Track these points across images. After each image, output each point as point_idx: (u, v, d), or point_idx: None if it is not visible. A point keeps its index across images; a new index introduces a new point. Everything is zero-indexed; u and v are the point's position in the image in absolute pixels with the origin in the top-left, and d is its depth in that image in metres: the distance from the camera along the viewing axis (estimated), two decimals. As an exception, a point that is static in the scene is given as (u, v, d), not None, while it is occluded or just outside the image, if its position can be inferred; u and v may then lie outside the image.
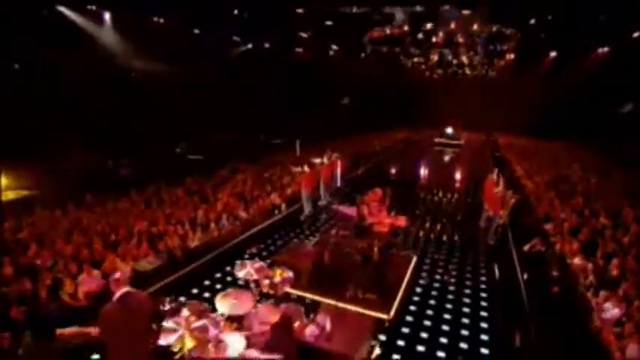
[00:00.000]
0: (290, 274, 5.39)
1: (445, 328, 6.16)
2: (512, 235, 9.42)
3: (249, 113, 19.64)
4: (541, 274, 7.28)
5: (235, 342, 4.29)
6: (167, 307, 4.63)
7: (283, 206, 10.66)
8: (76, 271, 6.61)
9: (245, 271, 5.37)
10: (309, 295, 5.66)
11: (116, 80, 15.08)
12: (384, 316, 5.76)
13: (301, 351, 4.13)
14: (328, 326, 4.93)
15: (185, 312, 4.46)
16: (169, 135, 16.54)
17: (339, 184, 12.17)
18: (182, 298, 6.71)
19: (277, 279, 5.27)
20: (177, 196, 10.59)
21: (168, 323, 4.19)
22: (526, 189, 12.18)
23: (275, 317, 4.45)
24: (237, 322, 4.65)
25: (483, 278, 7.67)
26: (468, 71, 30.34)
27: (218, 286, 7.22)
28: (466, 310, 6.62)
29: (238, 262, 5.72)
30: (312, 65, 25.37)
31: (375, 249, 6.33)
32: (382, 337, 5.72)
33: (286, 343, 4.03)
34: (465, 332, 6.06)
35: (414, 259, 7.14)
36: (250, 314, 4.76)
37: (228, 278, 7.38)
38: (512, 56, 25.81)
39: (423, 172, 12.61)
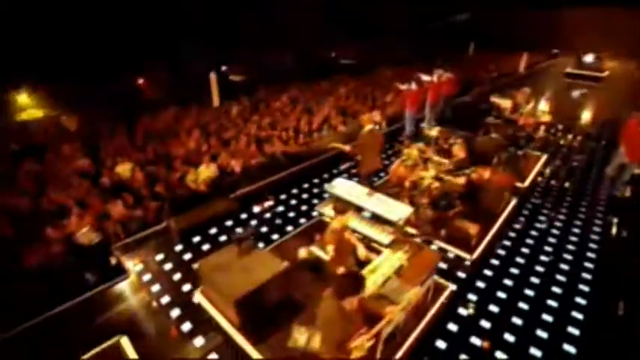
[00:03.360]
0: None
1: (534, 280, 5.51)
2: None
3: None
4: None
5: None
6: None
7: (384, 124, 10.35)
8: (197, 162, 7.48)
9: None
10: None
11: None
12: (466, 255, 5.74)
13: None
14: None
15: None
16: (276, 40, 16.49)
17: (445, 108, 11.14)
18: (282, 196, 7.40)
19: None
20: (282, 103, 10.99)
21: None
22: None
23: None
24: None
25: (595, 236, 6.55)
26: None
27: (315, 190, 7.66)
28: (564, 266, 5.81)
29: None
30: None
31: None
32: (461, 275, 5.50)
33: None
34: (557, 289, 5.34)
35: (514, 201, 6.48)
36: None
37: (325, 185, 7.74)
38: None
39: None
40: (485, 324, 4.75)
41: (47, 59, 10.66)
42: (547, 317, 4.86)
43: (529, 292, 5.29)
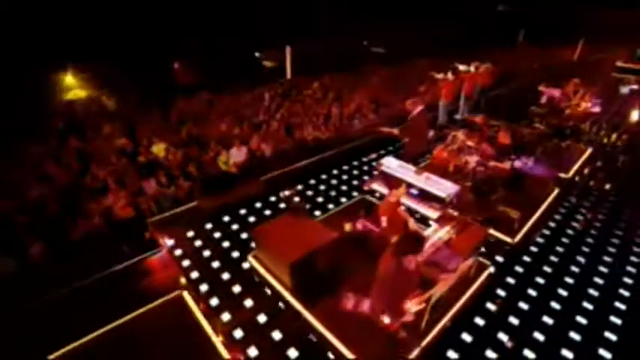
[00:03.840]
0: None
1: (574, 269, 5.44)
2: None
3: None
4: None
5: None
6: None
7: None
8: (229, 145, 7.62)
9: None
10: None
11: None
12: (508, 240, 5.71)
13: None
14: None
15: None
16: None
17: (480, 99, 10.72)
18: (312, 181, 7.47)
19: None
20: (314, 90, 10.96)
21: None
22: None
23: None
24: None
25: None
26: None
27: (344, 177, 7.72)
28: (607, 258, 5.64)
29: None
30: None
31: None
32: (499, 259, 5.47)
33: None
34: (599, 280, 5.23)
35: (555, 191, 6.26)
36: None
37: (355, 172, 7.82)
38: None
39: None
40: (523, 305, 4.78)
41: (91, 42, 11.14)
42: (582, 320, 4.65)
43: (568, 280, 5.18)
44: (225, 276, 5.15)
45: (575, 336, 4.44)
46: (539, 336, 4.40)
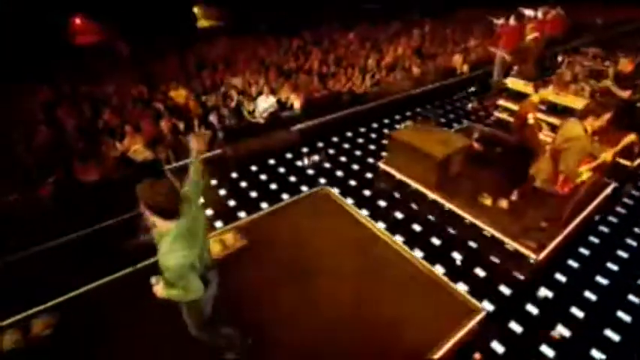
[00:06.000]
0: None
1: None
2: None
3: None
4: None
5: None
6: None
7: (465, 67, 9.67)
8: (254, 94, 7.45)
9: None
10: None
11: None
12: (627, 163, 6.22)
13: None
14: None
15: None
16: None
17: (545, 58, 9.70)
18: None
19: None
20: (349, 41, 10.58)
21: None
22: None
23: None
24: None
25: None
26: None
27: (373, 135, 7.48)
28: None
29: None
30: None
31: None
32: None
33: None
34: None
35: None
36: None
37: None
38: None
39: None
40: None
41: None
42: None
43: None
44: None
45: None
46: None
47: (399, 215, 5.21)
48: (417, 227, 4.98)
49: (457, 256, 4.50)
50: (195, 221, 2.34)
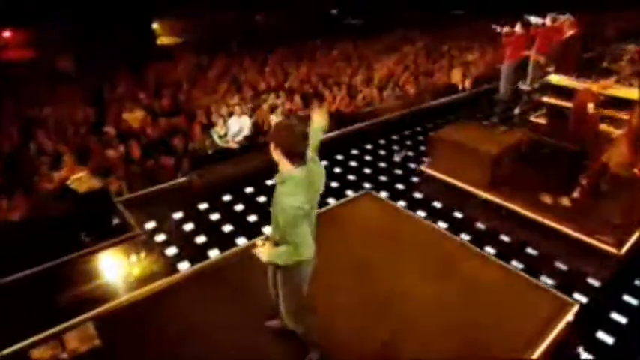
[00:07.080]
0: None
1: None
2: None
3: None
4: None
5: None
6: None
7: (467, 82, 9.22)
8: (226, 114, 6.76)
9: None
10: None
11: None
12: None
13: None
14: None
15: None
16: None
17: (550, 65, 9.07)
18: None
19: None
20: (333, 58, 10.13)
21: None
22: None
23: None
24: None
25: None
26: None
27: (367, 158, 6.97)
28: None
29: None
30: None
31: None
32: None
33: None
34: None
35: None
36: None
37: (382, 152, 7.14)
38: None
39: None
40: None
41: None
42: None
43: None
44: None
45: None
46: None
47: (458, 215, 5.32)
48: (481, 226, 5.10)
49: (532, 251, 4.64)
50: (310, 172, 2.29)
